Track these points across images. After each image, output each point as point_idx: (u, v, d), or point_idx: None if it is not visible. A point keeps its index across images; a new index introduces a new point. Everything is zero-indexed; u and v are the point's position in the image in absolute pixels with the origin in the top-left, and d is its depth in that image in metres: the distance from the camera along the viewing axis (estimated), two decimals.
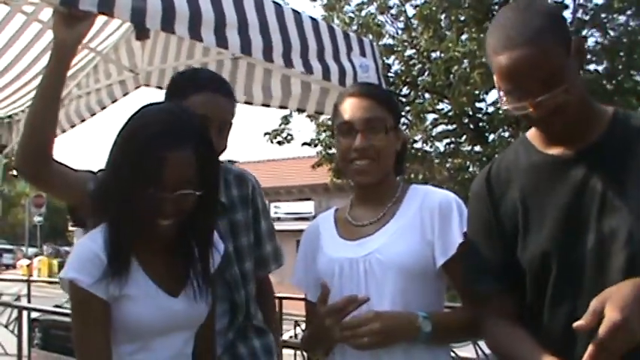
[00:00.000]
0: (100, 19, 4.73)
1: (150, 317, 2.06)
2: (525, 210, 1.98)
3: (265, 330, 2.70)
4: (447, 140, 18.65)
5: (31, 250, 38.33)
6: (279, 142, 19.74)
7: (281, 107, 4.83)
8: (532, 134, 2.08)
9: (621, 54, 16.56)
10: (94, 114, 6.06)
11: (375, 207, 2.34)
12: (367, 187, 2.35)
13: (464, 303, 2.29)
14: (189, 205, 2.04)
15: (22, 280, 20.03)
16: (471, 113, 17.93)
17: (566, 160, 1.95)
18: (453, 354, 3.96)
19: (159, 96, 2.16)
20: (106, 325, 2.02)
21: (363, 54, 4.17)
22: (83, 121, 6.08)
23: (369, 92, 2.33)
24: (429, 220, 2.25)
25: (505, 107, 1.91)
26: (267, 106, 4.81)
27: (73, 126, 6.14)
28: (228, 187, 2.66)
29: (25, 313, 8.11)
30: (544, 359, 1.82)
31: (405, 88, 18.66)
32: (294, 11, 3.76)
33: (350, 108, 2.29)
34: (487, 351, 5.48)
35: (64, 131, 6.10)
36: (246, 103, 4.87)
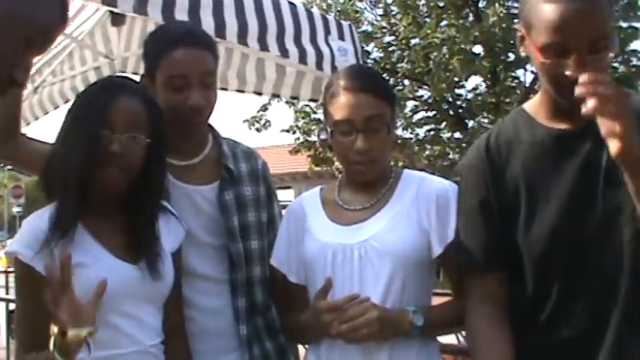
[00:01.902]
0: (76, 4, 4.67)
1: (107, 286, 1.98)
2: (529, 186, 1.93)
3: (278, 329, 2.55)
4: (427, 127, 18.68)
5: (10, 242, 37.95)
6: (257, 129, 19.69)
7: (255, 93, 4.78)
8: (532, 107, 2.03)
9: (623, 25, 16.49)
10: (68, 101, 5.96)
11: (367, 192, 2.28)
12: None
13: (455, 293, 2.26)
14: (139, 153, 2.06)
15: (0, 272, 19.88)
16: (450, 100, 17.96)
17: (572, 135, 1.90)
18: None
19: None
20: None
21: (341, 37, 4.14)
22: (57, 108, 6.00)
23: (367, 86, 2.21)
24: (426, 208, 2.20)
25: (541, 61, 1.81)
26: (242, 91, 4.76)
27: (46, 113, 6.06)
28: (236, 159, 2.54)
29: (2, 304, 8.02)
30: None
31: (385, 74, 18.65)
32: None
33: (347, 105, 2.18)
34: None
35: (36, 119, 6.03)
36: (221, 89, 4.81)
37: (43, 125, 6.87)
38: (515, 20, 15.58)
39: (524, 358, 1.93)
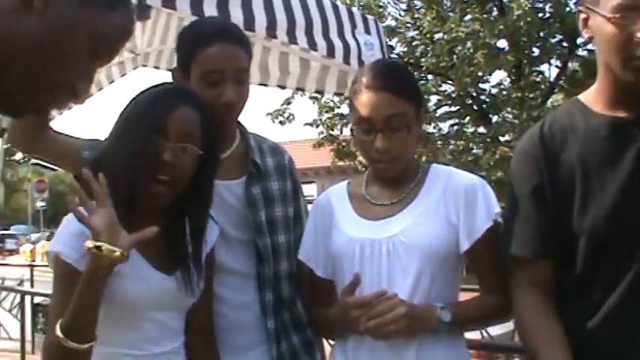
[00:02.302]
0: None
1: (141, 294, 2.02)
2: (585, 173, 1.90)
3: (304, 323, 2.53)
4: (451, 122, 18.60)
5: (35, 236, 38.43)
6: (280, 122, 19.70)
7: (279, 86, 4.76)
8: (587, 97, 2.00)
9: None
10: (91, 95, 5.97)
11: (394, 187, 2.27)
12: None
13: (483, 288, 2.24)
14: (189, 164, 2.05)
15: (25, 265, 20.08)
16: (474, 94, 17.88)
17: (629, 122, 1.88)
18: None
19: (156, 76, 2.14)
20: None
21: (367, 32, 4.12)
22: None
23: (388, 85, 2.18)
24: (454, 203, 2.18)
25: (613, 19, 1.78)
26: (265, 85, 4.74)
27: (69, 108, 6.07)
28: (263, 154, 2.55)
29: (28, 297, 8.07)
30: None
31: (412, 80, 18.59)
32: None
33: (368, 103, 2.17)
34: (492, 332, 5.45)
35: (61, 113, 6.04)
36: None
37: (68, 120, 6.90)
38: (540, 15, 15.53)
39: (572, 341, 1.90)
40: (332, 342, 2.42)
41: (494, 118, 17.74)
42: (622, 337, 1.85)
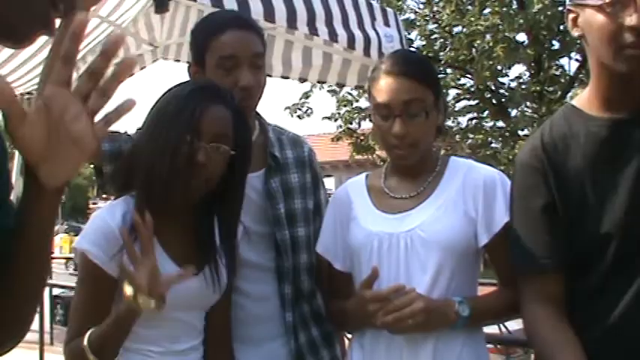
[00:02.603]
0: None
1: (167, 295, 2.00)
2: (594, 178, 1.88)
3: (324, 316, 2.53)
4: (470, 116, 18.52)
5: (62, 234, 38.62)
6: (299, 116, 19.68)
7: (301, 79, 4.77)
8: (581, 101, 1.99)
9: None
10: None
11: (413, 180, 2.26)
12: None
13: (501, 282, 2.22)
14: (222, 163, 2.05)
15: None
16: (493, 88, 17.79)
17: (627, 122, 1.87)
18: None
19: (175, 69, 2.14)
20: (108, 303, 2.00)
21: (387, 24, 4.12)
22: None
23: (407, 71, 2.18)
24: (472, 197, 2.17)
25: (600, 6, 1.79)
26: (287, 78, 4.74)
27: None
28: (282, 147, 2.55)
29: (46, 289, 8.11)
30: None
31: (431, 69, 18.53)
32: None
33: (387, 89, 2.17)
34: (511, 327, 5.43)
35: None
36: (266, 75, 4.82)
37: None
38: (560, 8, 15.42)
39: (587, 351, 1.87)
40: (349, 335, 2.41)
41: (514, 112, 17.63)
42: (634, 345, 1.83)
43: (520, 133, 16.59)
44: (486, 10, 16.67)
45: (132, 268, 1.88)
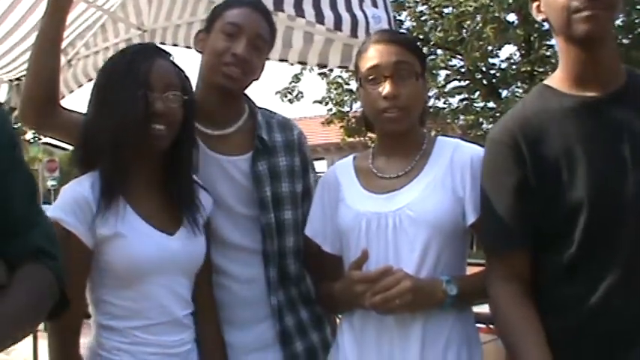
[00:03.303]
0: None
1: (145, 254, 2.05)
2: (570, 156, 1.90)
3: (313, 298, 2.55)
4: (460, 97, 18.52)
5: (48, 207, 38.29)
6: (289, 101, 19.66)
7: (281, 60, 4.75)
8: (554, 80, 2.02)
9: (639, 7, 16.33)
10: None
11: (401, 159, 2.26)
12: (394, 138, 2.26)
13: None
14: (178, 110, 2.13)
15: None
16: (484, 69, 17.79)
17: (601, 101, 1.90)
18: None
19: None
20: (84, 269, 2.04)
21: (375, 5, 4.09)
22: (90, 80, 6.00)
23: (395, 38, 2.25)
24: (460, 176, 2.18)
25: None
26: (267, 59, 4.73)
27: (80, 86, 6.07)
28: (271, 130, 2.55)
29: None
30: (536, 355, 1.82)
31: (417, 44, 18.51)
32: None
33: (377, 54, 2.20)
34: None
35: (71, 91, 6.04)
36: None
37: (78, 98, 6.91)
38: None
39: (555, 333, 1.90)
40: (341, 316, 2.42)
41: (504, 93, 17.65)
42: (622, 314, 1.84)
43: None
44: None
45: None
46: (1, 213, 1.56)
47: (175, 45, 5.30)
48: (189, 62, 2.56)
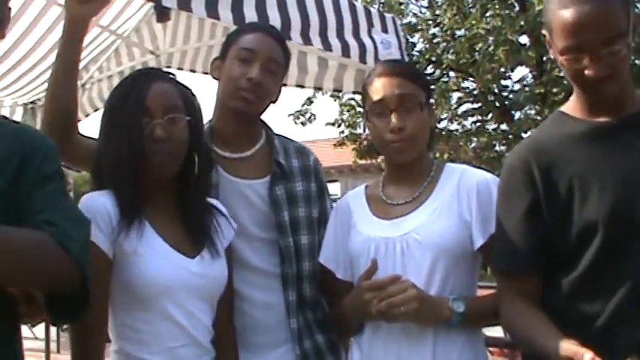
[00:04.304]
0: (120, 1, 4.73)
1: (162, 274, 2.03)
2: (583, 178, 1.94)
3: (328, 324, 2.57)
4: (473, 119, 18.49)
5: None
6: (302, 123, 19.67)
7: (297, 86, 4.78)
8: (569, 107, 2.06)
9: None
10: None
11: (409, 185, 2.30)
12: (402, 166, 2.31)
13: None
14: (181, 133, 2.10)
15: None
16: (496, 91, 17.76)
17: (614, 126, 1.94)
18: None
19: (179, 77, 2.22)
20: (104, 280, 2.01)
21: (384, 30, 4.13)
22: None
23: (399, 70, 2.29)
24: (467, 200, 2.21)
25: (561, 61, 1.92)
26: (284, 84, 4.76)
27: (96, 109, 6.13)
28: (288, 155, 2.60)
29: None
30: (559, 343, 1.79)
31: (430, 66, 18.48)
32: None
33: (381, 87, 2.25)
34: None
35: (87, 115, 6.10)
36: None
37: (93, 122, 6.96)
38: None
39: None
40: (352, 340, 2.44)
41: (517, 115, 17.60)
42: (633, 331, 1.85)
43: (524, 135, 16.53)
44: (488, 13, 16.65)
45: None
46: None
47: (193, 71, 5.33)
48: (208, 88, 2.61)
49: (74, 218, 1.74)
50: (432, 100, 2.37)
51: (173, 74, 2.23)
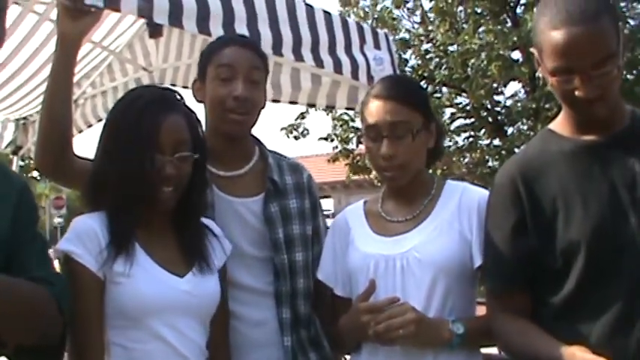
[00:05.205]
0: (112, 18, 4.73)
1: (153, 293, 2.03)
2: (567, 197, 1.94)
3: (322, 342, 2.56)
4: (466, 134, 18.53)
5: (52, 252, 38.19)
6: (295, 137, 19.68)
7: (291, 102, 4.79)
8: (557, 125, 2.06)
9: None
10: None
11: (409, 203, 2.30)
12: (399, 185, 2.31)
13: None
14: (188, 169, 2.10)
15: None
16: (489, 107, 17.81)
17: (601, 145, 1.94)
18: None
19: None
20: (98, 301, 2.01)
21: (377, 47, 4.12)
22: (100, 120, 6.06)
23: (394, 93, 2.25)
24: (467, 219, 2.21)
25: (552, 82, 1.91)
26: (277, 101, 4.77)
27: (90, 126, 6.13)
28: (282, 172, 2.59)
29: None
30: (563, 350, 1.80)
31: (423, 82, 18.55)
32: (307, 5, 3.73)
33: (375, 111, 2.23)
34: None
35: (80, 131, 6.10)
36: None
37: (86, 138, 6.96)
38: None
39: None
40: (348, 357, 2.43)
41: (510, 130, 17.66)
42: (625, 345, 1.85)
43: (517, 150, 16.57)
44: (480, 29, 16.72)
45: None
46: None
47: (186, 87, 5.34)
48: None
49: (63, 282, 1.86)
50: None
51: (181, 96, 2.20)
